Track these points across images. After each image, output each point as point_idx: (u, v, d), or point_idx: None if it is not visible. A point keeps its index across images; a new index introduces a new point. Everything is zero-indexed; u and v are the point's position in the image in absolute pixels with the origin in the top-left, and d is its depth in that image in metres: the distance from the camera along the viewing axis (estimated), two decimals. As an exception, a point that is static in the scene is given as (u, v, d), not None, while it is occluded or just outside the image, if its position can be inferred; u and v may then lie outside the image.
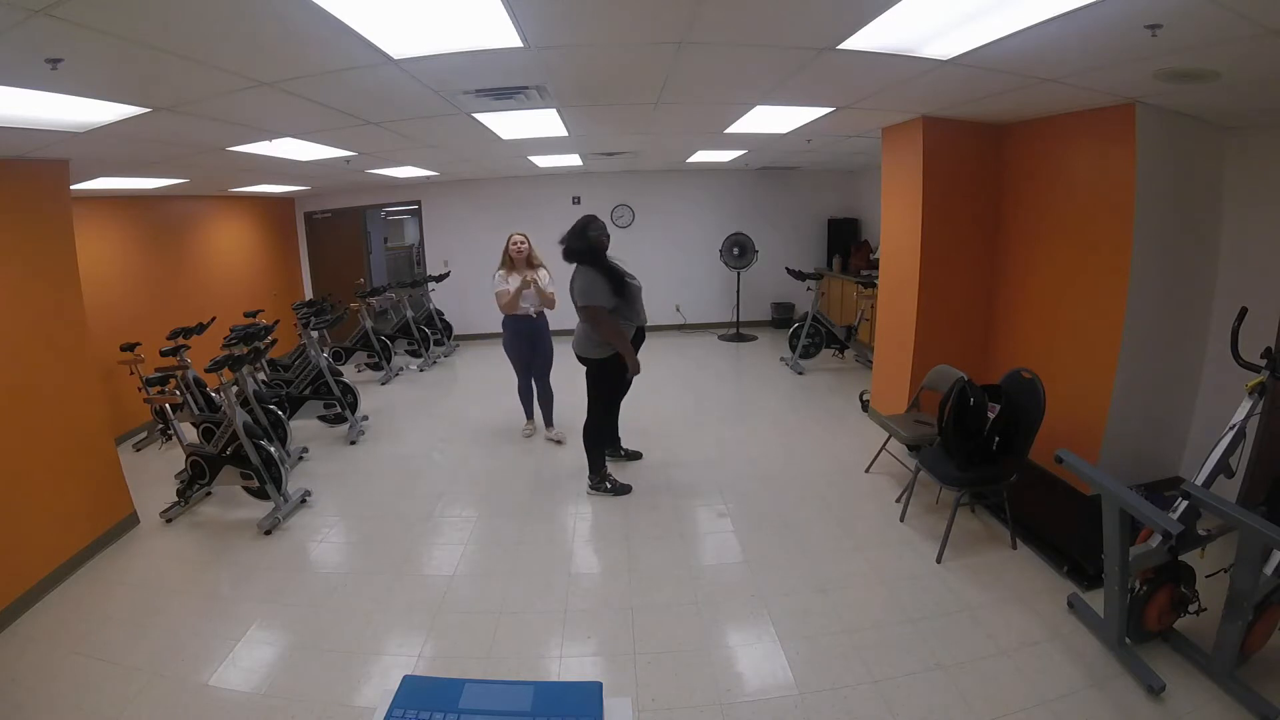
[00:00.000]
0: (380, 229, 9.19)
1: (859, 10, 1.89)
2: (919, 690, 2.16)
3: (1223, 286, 3.36)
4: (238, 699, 2.23)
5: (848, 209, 8.22)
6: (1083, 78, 2.60)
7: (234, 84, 2.24)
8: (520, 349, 4.42)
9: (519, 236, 4.33)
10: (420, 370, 6.97)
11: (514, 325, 4.36)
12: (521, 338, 4.38)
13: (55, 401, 3.15)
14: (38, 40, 1.63)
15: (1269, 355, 2.31)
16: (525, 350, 4.42)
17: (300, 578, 3.01)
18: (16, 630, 2.67)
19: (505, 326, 4.38)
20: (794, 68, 2.55)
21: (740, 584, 2.83)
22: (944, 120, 3.74)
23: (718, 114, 3.74)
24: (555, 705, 1.04)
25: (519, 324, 4.35)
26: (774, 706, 2.12)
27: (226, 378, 3.62)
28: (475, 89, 2.73)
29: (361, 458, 4.53)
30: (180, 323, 4.71)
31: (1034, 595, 2.66)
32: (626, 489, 3.70)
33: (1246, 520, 1.89)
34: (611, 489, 3.69)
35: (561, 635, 2.52)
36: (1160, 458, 3.56)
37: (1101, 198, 3.30)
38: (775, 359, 6.83)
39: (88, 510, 3.28)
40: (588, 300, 3.34)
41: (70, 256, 3.30)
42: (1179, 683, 2.12)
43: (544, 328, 4.45)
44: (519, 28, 1.95)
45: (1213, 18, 1.77)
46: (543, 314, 4.43)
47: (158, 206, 5.63)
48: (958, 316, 4.18)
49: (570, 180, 7.84)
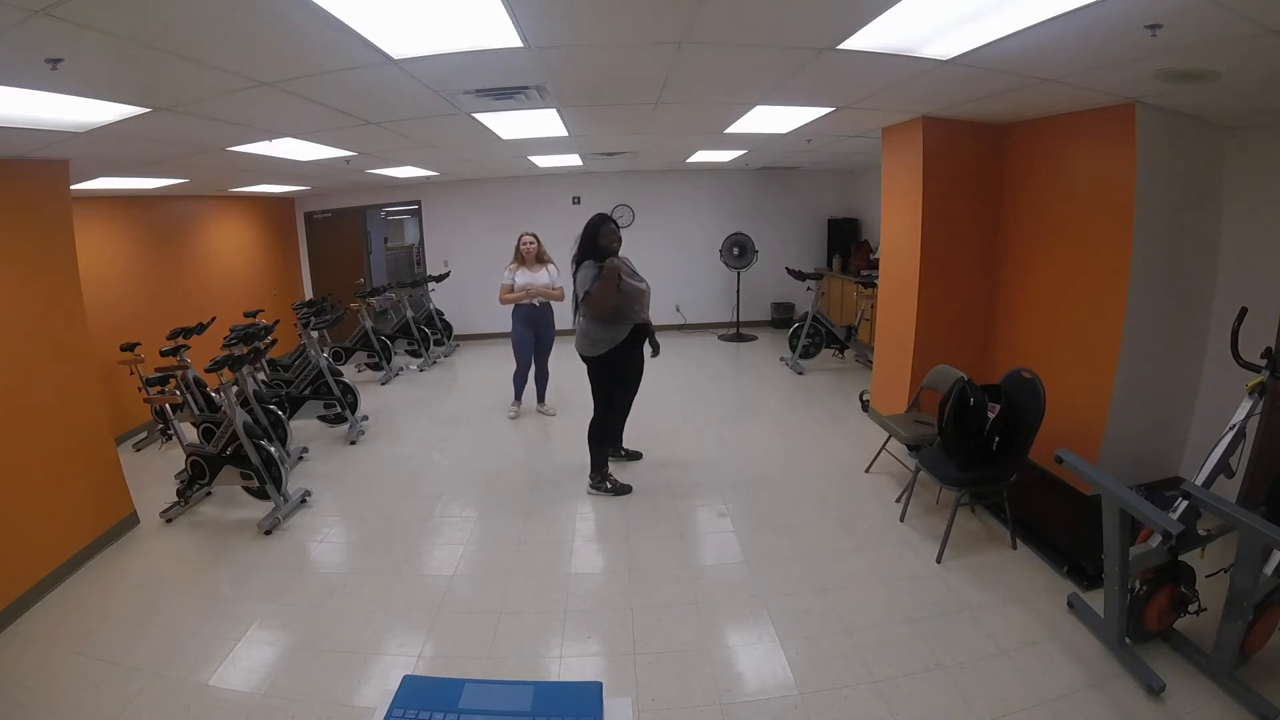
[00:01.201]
0: (380, 229, 9.18)
1: (859, 10, 1.89)
2: (919, 690, 2.16)
3: (1223, 286, 3.36)
4: (238, 699, 2.23)
5: (848, 209, 8.22)
6: (1083, 78, 2.60)
7: (234, 84, 2.24)
8: (525, 333, 4.89)
9: (529, 236, 4.83)
10: (420, 370, 6.97)
11: (520, 313, 4.85)
12: (526, 322, 4.87)
13: (55, 401, 3.15)
14: (38, 40, 1.63)
15: (1269, 355, 2.31)
16: (529, 335, 4.90)
17: (300, 578, 3.01)
18: (16, 630, 2.67)
19: (513, 314, 4.86)
20: (794, 68, 2.55)
21: (740, 584, 2.83)
22: (944, 120, 3.74)
23: (718, 114, 3.74)
24: (555, 705, 1.04)
25: (523, 311, 4.84)
26: (774, 706, 2.12)
27: (226, 378, 3.62)
28: (475, 89, 2.73)
29: (361, 458, 4.53)
30: (180, 323, 4.71)
31: (1034, 595, 2.66)
32: (626, 489, 3.72)
33: (1246, 520, 1.89)
34: (612, 489, 3.72)
35: (561, 635, 2.52)
36: (1160, 458, 3.55)
37: (1101, 198, 3.30)
38: (775, 359, 6.83)
39: (88, 510, 3.28)
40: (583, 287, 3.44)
41: (70, 256, 3.30)
42: (1179, 683, 2.12)
43: (548, 315, 4.96)
44: (519, 28, 1.94)
45: (1213, 18, 1.77)
46: (547, 304, 4.91)
47: (158, 206, 5.63)
48: (958, 316, 4.18)
49: (570, 180, 7.84)
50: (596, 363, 3.58)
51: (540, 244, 4.84)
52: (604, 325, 3.46)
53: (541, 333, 4.96)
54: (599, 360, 3.56)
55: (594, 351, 3.54)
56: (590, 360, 3.59)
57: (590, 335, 3.52)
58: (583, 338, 3.57)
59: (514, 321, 4.89)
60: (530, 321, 4.88)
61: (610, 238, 3.45)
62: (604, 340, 3.48)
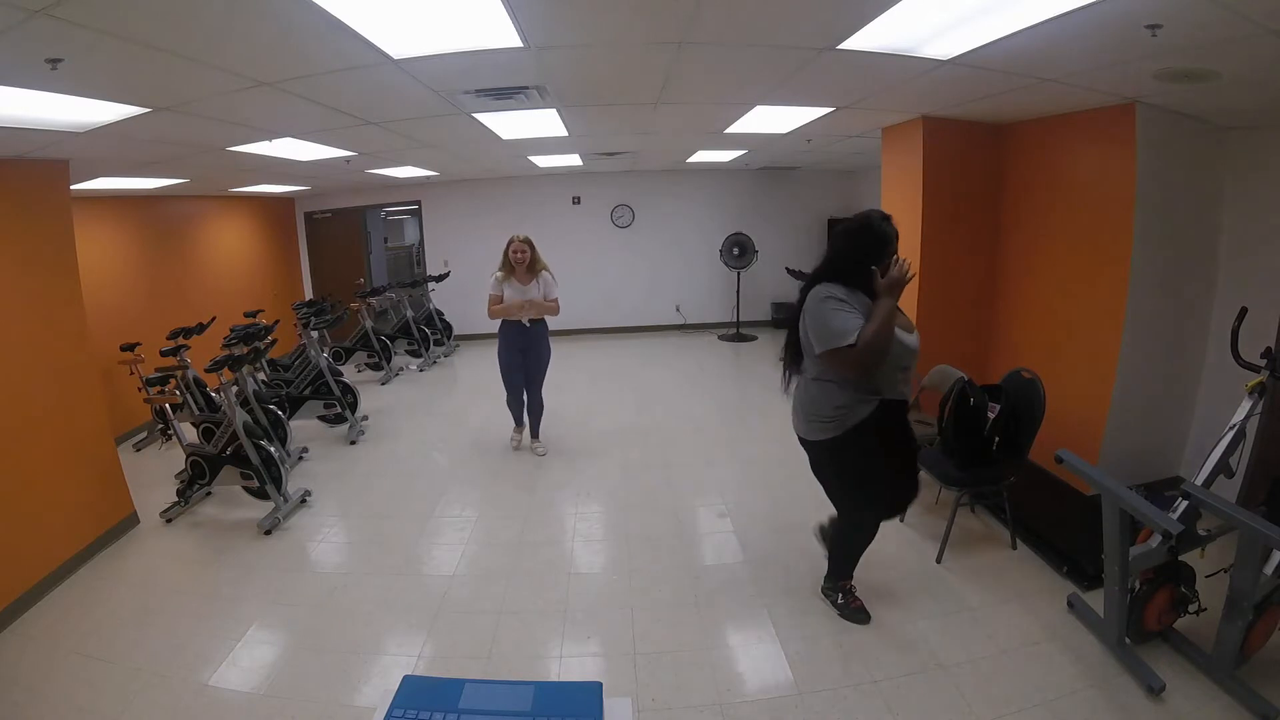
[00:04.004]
0: (380, 229, 9.18)
1: (859, 10, 1.89)
2: (919, 690, 2.16)
3: (1223, 286, 3.36)
4: (238, 699, 2.23)
5: (848, 209, 8.21)
6: (1083, 78, 2.60)
7: (234, 84, 2.24)
8: (512, 357, 4.19)
9: (520, 244, 4.03)
10: (420, 370, 6.97)
11: (506, 331, 4.14)
12: (514, 346, 4.15)
13: (55, 401, 3.15)
14: (38, 40, 1.63)
15: (1269, 355, 2.31)
16: (517, 358, 4.18)
17: (300, 578, 3.01)
18: (16, 630, 2.67)
19: (499, 333, 4.18)
20: (794, 68, 2.55)
21: (740, 584, 2.83)
22: (944, 120, 3.73)
23: (718, 114, 3.74)
24: (555, 705, 1.04)
25: (510, 330, 4.12)
26: (774, 706, 2.12)
27: (226, 378, 3.62)
28: (475, 89, 2.73)
29: (361, 458, 4.53)
30: (180, 323, 4.72)
31: (1034, 595, 2.66)
32: (864, 618, 2.53)
33: (1246, 520, 1.89)
34: (844, 606, 2.56)
35: (561, 635, 2.52)
36: (1160, 458, 3.55)
37: (1102, 197, 3.30)
38: (775, 359, 6.78)
39: (88, 510, 3.28)
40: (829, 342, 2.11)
41: (70, 256, 3.30)
42: (1179, 683, 2.12)
43: (539, 336, 4.19)
44: (519, 28, 1.94)
45: (1213, 18, 1.77)
46: (541, 322, 4.17)
47: (158, 206, 5.63)
48: (958, 316, 4.17)
49: (570, 180, 7.84)
50: (829, 451, 2.30)
51: (534, 251, 4.06)
52: (849, 390, 2.19)
53: (531, 355, 4.18)
54: (833, 446, 2.27)
55: (825, 433, 2.26)
56: (817, 446, 2.34)
57: (816, 406, 2.27)
58: (806, 409, 2.34)
59: (499, 341, 4.18)
60: (517, 342, 4.12)
61: (890, 248, 2.19)
62: (837, 417, 2.22)
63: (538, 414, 4.45)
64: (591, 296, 8.01)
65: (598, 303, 8.16)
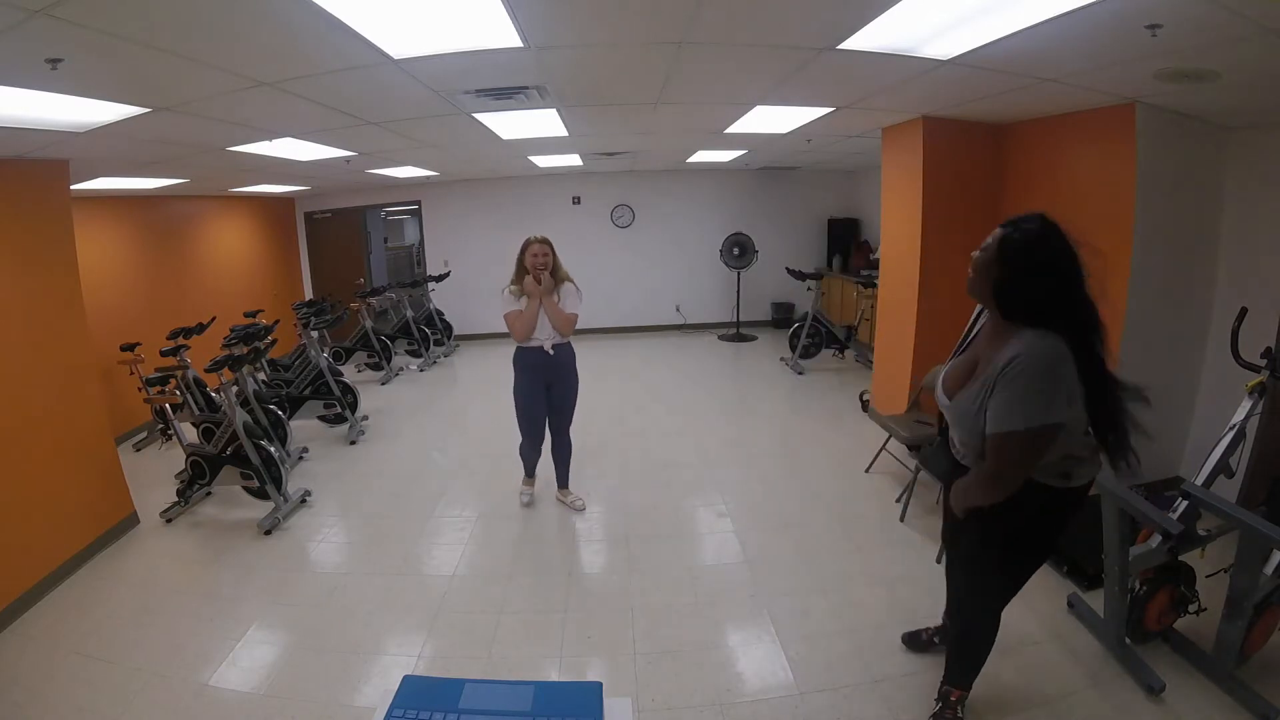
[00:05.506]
0: (380, 229, 9.18)
1: (859, 10, 1.89)
2: (919, 690, 2.16)
3: (1222, 286, 3.35)
4: (238, 699, 2.23)
5: (848, 209, 8.22)
6: (1083, 78, 2.60)
7: (234, 84, 2.24)
8: (533, 389, 3.32)
9: (539, 246, 3.17)
10: (420, 370, 6.97)
11: (525, 358, 3.28)
12: (536, 376, 3.29)
13: (55, 401, 3.15)
14: (38, 40, 1.63)
15: (1269, 355, 2.31)
16: (539, 391, 3.33)
17: (300, 578, 3.01)
18: (16, 630, 2.67)
19: (516, 363, 3.34)
20: (794, 68, 2.55)
21: (740, 584, 2.83)
22: (944, 120, 3.73)
23: (718, 114, 3.74)
24: (555, 705, 1.04)
25: (531, 357, 3.26)
26: (774, 706, 2.12)
27: (226, 378, 3.62)
28: (475, 89, 2.73)
29: (361, 458, 4.52)
30: (180, 323, 4.71)
31: (1034, 595, 2.64)
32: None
33: (1246, 520, 1.89)
34: None
35: (561, 635, 2.52)
36: (1160, 458, 3.55)
37: (1101, 197, 3.30)
38: (775, 359, 6.83)
39: (88, 510, 3.28)
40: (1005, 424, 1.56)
41: (70, 256, 3.30)
42: (1179, 683, 2.12)
43: (565, 363, 3.32)
44: (519, 28, 1.94)
45: (1213, 18, 1.77)
46: (566, 347, 3.33)
47: (158, 206, 5.63)
48: (958, 316, 4.16)
49: (570, 180, 7.84)
50: (985, 526, 1.80)
51: (555, 253, 3.24)
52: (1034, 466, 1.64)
53: (558, 389, 3.35)
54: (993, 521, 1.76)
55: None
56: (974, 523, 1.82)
57: None
58: None
59: (516, 372, 3.33)
60: (540, 372, 3.28)
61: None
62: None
63: (565, 457, 3.56)
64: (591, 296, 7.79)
65: (598, 303, 8.08)
